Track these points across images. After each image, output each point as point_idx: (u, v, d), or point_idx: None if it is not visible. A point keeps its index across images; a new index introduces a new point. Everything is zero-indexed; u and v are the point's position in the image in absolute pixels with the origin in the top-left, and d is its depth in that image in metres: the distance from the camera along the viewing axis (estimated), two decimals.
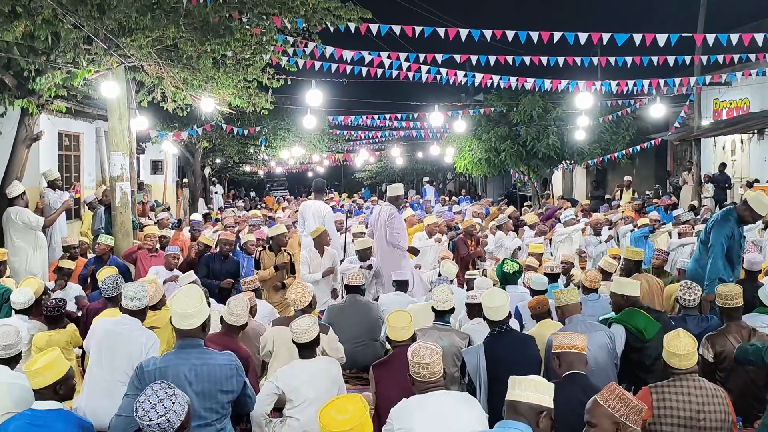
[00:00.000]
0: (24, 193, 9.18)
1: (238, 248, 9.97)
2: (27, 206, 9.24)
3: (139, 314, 5.08)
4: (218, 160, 27.68)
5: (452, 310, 5.88)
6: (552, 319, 5.94)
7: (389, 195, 9.66)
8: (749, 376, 4.96)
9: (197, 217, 14.71)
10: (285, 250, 9.17)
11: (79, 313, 6.92)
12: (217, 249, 9.23)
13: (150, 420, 3.06)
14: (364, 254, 8.95)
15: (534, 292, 6.86)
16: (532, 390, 3.38)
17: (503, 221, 12.06)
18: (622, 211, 13.91)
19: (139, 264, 9.14)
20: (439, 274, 8.20)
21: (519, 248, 11.51)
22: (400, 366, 4.58)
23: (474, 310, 6.04)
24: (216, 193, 28.32)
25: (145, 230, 9.93)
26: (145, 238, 9.48)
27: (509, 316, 5.31)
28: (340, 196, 27.17)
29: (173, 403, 3.12)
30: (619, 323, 5.52)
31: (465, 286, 8.29)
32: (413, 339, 4.87)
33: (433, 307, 5.81)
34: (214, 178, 31.63)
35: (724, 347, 5.06)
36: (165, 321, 5.87)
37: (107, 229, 10.37)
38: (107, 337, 4.92)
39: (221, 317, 5.54)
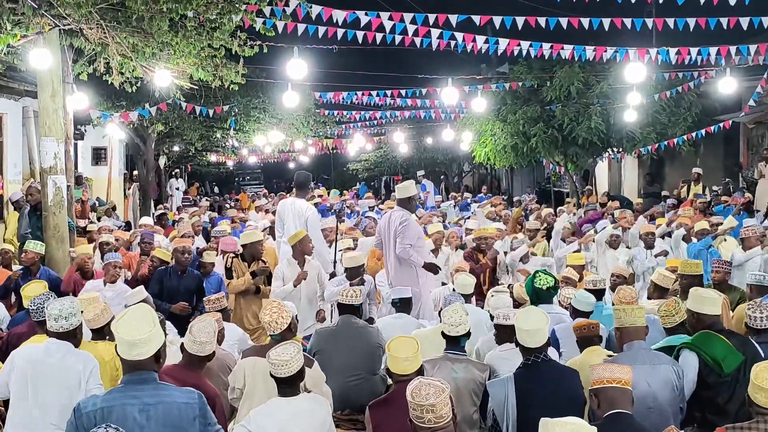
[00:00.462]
0: None
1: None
2: None
3: (70, 337, 5.08)
4: (176, 148, 27.68)
5: (468, 335, 5.88)
6: (601, 346, 5.95)
7: (399, 197, 9.54)
8: None
9: (147, 221, 14.67)
10: (262, 260, 9.23)
11: None
12: (173, 261, 9.27)
13: None
14: (354, 273, 8.96)
15: (577, 313, 6.87)
16: None
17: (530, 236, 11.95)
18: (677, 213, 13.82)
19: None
20: (454, 290, 8.18)
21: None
22: (405, 406, 4.57)
23: (504, 334, 6.05)
24: (177, 189, 28.32)
25: (78, 249, 9.85)
26: (78, 261, 9.40)
27: (548, 342, 5.31)
28: (329, 193, 27.15)
29: None
30: (692, 351, 5.47)
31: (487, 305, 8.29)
32: (420, 372, 4.86)
33: (443, 332, 5.81)
34: (175, 171, 31.63)
35: None
36: (107, 354, 5.78)
37: (35, 233, 10.36)
38: (33, 370, 4.91)
39: (182, 345, 5.52)
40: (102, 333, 5.86)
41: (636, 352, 5.33)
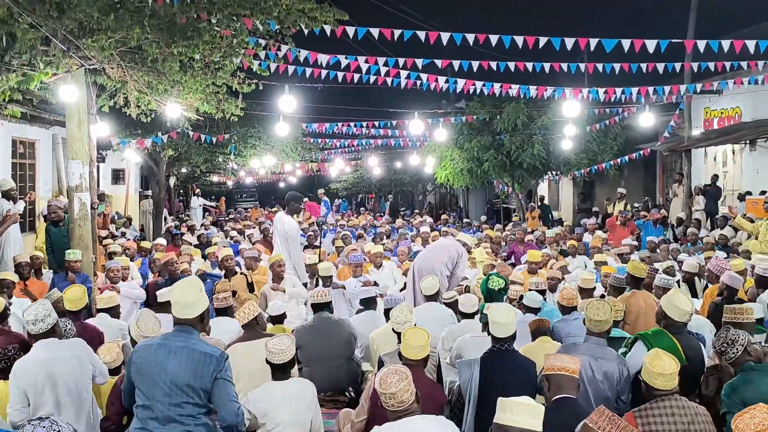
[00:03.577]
0: None
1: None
2: None
3: (50, 334, 4.94)
4: (184, 170, 27.46)
5: None
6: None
7: (461, 239, 10.51)
8: None
9: (161, 241, 14.24)
10: (242, 273, 9.38)
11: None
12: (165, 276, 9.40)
13: None
14: (327, 280, 9.09)
15: (528, 309, 6.88)
16: (523, 414, 3.39)
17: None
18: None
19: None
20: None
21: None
22: None
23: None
24: (199, 206, 27.55)
25: (109, 265, 9.81)
26: (108, 272, 9.48)
27: (514, 335, 5.24)
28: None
29: None
30: (644, 344, 5.40)
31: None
32: (426, 360, 4.83)
33: (393, 329, 5.80)
34: (197, 190, 31.17)
35: None
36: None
37: (57, 244, 10.19)
38: (43, 373, 4.78)
39: None
40: (117, 371, 5.58)
41: (590, 345, 5.25)
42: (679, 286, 8.79)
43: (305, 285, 9.77)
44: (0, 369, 5.33)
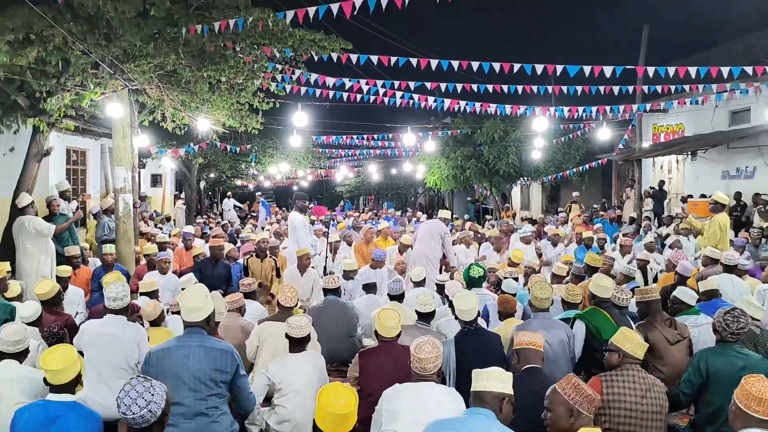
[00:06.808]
0: (33, 202, 8.94)
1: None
2: (36, 215, 9.00)
3: (122, 312, 4.94)
4: (212, 175, 27.47)
5: (433, 314, 5.81)
6: (517, 316, 5.98)
7: (440, 216, 10.34)
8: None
9: (190, 228, 14.36)
10: (271, 256, 9.18)
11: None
12: (209, 255, 9.19)
13: (133, 414, 2.93)
14: (350, 274, 8.74)
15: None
16: (495, 380, 3.38)
17: (465, 235, 12.00)
18: (573, 228, 13.93)
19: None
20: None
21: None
22: (385, 358, 4.57)
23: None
24: (230, 209, 27.10)
25: (144, 249, 9.75)
26: (145, 257, 9.38)
27: (478, 315, 5.29)
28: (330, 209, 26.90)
29: (152, 395, 2.99)
30: (582, 320, 5.49)
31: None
32: (398, 336, 4.84)
33: (416, 310, 5.79)
34: (228, 192, 30.93)
35: (653, 334, 5.32)
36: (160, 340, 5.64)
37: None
38: (97, 339, 4.76)
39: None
40: (155, 323, 5.72)
41: (540, 320, 5.33)
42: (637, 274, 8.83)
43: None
44: (50, 343, 5.31)
